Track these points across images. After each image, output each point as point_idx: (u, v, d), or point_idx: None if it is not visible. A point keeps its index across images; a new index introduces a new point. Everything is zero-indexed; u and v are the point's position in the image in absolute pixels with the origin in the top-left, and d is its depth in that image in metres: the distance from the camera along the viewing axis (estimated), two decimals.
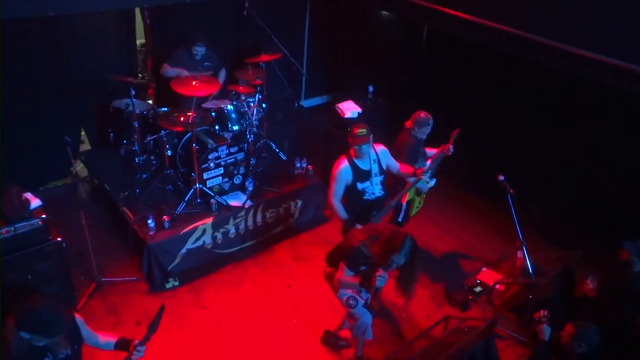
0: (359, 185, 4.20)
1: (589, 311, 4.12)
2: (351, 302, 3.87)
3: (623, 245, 3.93)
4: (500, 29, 4.72)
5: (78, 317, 2.89)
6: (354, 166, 4.17)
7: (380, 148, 4.34)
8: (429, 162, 4.92)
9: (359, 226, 4.03)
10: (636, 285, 3.91)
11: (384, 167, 4.34)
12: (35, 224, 4.16)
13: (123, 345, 2.95)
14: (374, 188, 4.27)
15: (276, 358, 4.38)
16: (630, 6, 3.91)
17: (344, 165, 4.16)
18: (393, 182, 4.95)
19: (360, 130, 4.12)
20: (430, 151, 5.00)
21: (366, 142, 4.10)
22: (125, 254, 5.23)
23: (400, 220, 5.02)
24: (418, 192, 4.98)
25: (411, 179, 4.53)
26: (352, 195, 4.23)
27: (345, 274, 3.62)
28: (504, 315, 4.72)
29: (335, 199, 4.23)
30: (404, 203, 4.92)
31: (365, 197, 4.25)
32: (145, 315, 4.62)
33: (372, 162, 4.24)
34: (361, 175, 4.21)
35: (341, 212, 4.25)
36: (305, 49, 7.77)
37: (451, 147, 4.78)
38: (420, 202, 5.14)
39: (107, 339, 3.01)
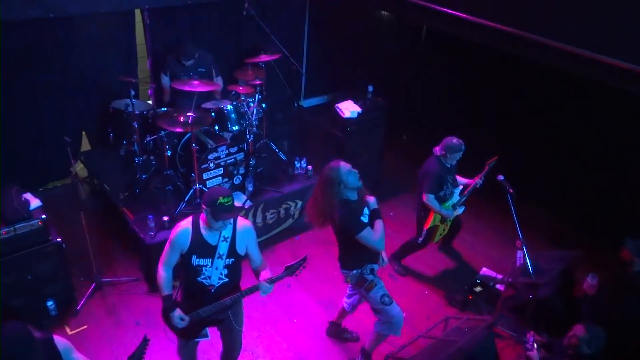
0: (195, 260, 3.25)
1: (589, 310, 4.11)
2: (386, 299, 3.85)
3: (625, 244, 3.93)
4: (500, 29, 4.71)
5: (64, 344, 2.82)
6: (196, 234, 3.24)
7: (245, 226, 3.35)
8: (460, 189, 4.95)
9: (177, 312, 3.28)
10: (637, 284, 3.91)
11: (240, 250, 3.32)
12: (35, 225, 4.17)
13: None
14: (212, 271, 3.27)
15: (276, 358, 4.38)
16: (631, 7, 3.91)
17: (183, 228, 3.25)
18: (417, 206, 4.96)
19: (224, 200, 3.07)
20: (460, 180, 5.01)
21: (228, 219, 3.16)
22: (125, 254, 5.23)
23: (420, 241, 5.00)
24: (443, 220, 4.96)
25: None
26: (185, 268, 3.31)
27: (367, 234, 3.64)
28: (504, 315, 4.72)
29: (164, 266, 3.32)
30: (426, 229, 4.89)
31: (199, 279, 3.29)
32: (145, 315, 4.62)
33: (222, 239, 3.26)
34: (202, 249, 3.25)
35: (164, 283, 3.32)
36: (305, 49, 7.77)
37: (480, 180, 4.84)
38: (444, 229, 5.10)
39: None
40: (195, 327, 3.41)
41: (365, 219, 3.75)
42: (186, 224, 3.27)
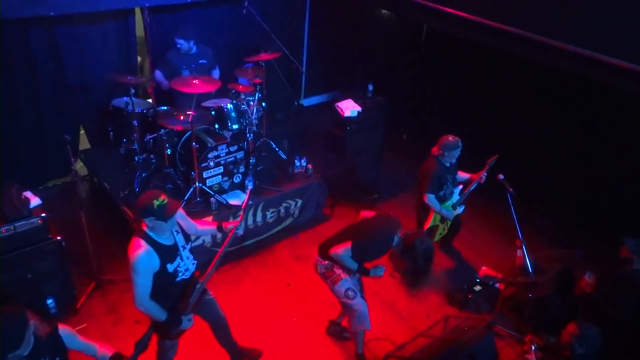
0: (170, 268, 3.19)
1: (587, 308, 4.12)
2: (350, 293, 3.91)
3: (624, 242, 3.93)
4: (500, 29, 4.72)
5: (66, 330, 2.85)
6: (157, 247, 3.12)
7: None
8: (460, 189, 4.95)
9: (183, 317, 3.30)
10: (635, 282, 3.91)
11: (187, 231, 3.42)
12: (34, 223, 4.17)
13: None
14: (186, 264, 3.30)
15: (275, 357, 4.38)
16: (632, 6, 3.91)
17: (144, 251, 3.06)
18: (417, 206, 4.96)
19: (159, 202, 3.00)
20: (463, 175, 5.00)
21: (175, 213, 3.07)
22: (125, 253, 5.17)
23: None
24: (442, 220, 4.96)
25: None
26: (163, 282, 3.18)
27: (345, 253, 3.73)
28: (504, 314, 4.73)
29: (146, 298, 3.12)
30: (425, 229, 4.87)
31: (178, 279, 3.28)
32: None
33: (175, 233, 3.26)
34: (169, 255, 3.19)
35: (159, 312, 3.20)
36: (305, 48, 7.77)
37: (484, 175, 4.81)
38: (444, 229, 5.11)
39: (103, 352, 2.99)
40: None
41: None
42: (142, 246, 3.07)
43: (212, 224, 3.69)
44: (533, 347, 3.77)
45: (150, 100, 6.38)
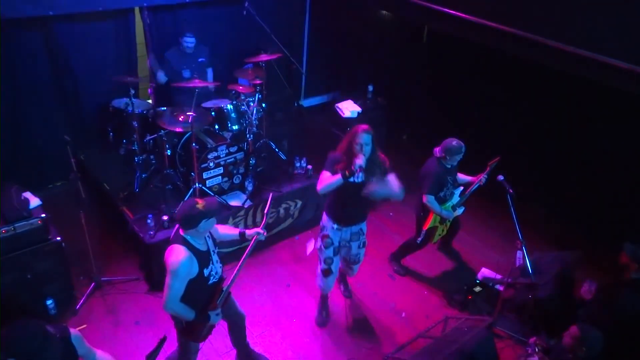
0: (205, 272, 3.29)
1: (586, 313, 4.10)
2: (324, 266, 4.37)
3: (624, 248, 3.90)
4: (501, 29, 4.72)
5: (75, 333, 2.81)
6: (196, 253, 3.21)
7: None
8: (460, 190, 4.95)
9: (209, 312, 3.41)
10: (633, 290, 3.89)
11: (215, 234, 3.56)
12: (34, 224, 4.17)
13: None
14: (216, 267, 3.41)
15: (275, 357, 4.38)
16: (631, 7, 3.91)
17: (185, 257, 3.12)
18: (416, 206, 4.97)
19: (201, 204, 3.14)
20: (463, 177, 5.00)
21: (217, 212, 3.26)
22: (125, 254, 5.23)
23: (418, 242, 5.00)
24: (442, 221, 4.95)
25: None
26: (197, 286, 3.26)
27: (323, 176, 4.02)
28: (504, 316, 4.72)
29: (177, 301, 3.19)
30: (425, 230, 4.87)
31: (210, 283, 3.38)
32: (144, 314, 4.63)
33: (207, 238, 3.37)
34: (205, 259, 3.29)
35: (187, 312, 3.28)
36: (305, 49, 7.77)
37: (484, 177, 4.80)
38: (443, 230, 5.09)
39: (103, 357, 2.97)
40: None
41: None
42: (184, 252, 3.14)
43: (234, 229, 3.73)
44: (536, 349, 3.75)
45: (150, 101, 6.38)
